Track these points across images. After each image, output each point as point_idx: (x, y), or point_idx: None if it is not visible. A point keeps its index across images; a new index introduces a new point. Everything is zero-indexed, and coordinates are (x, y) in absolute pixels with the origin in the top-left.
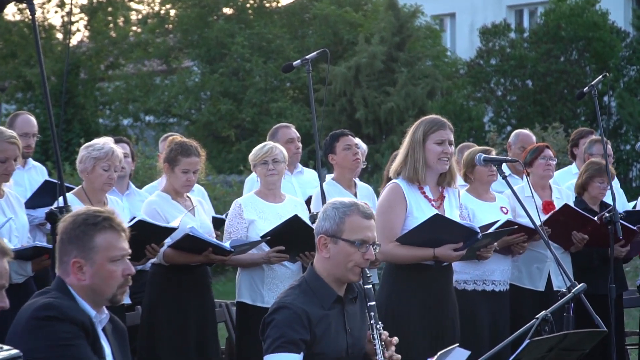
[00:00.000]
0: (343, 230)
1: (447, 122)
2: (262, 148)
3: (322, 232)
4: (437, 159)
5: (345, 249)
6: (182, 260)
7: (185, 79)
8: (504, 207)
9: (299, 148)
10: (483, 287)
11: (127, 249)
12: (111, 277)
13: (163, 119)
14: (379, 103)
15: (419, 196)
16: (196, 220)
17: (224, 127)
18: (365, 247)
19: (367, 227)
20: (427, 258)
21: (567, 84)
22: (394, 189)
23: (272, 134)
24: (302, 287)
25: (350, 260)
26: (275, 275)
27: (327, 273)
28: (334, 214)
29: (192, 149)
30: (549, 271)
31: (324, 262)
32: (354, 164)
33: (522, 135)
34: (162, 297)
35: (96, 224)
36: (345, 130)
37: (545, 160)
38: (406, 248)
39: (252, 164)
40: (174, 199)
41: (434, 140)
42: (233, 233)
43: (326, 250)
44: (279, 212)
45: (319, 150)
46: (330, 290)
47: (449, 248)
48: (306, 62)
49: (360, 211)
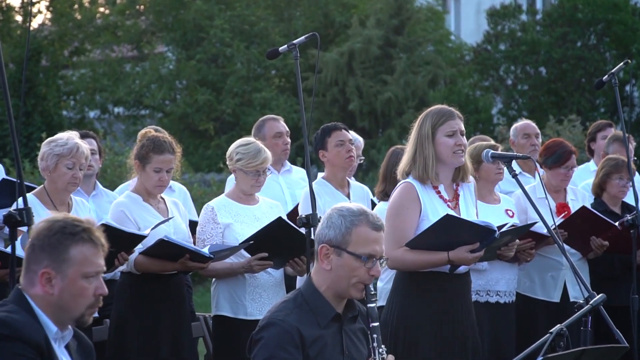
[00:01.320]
0: (349, 241)
1: (455, 111)
2: (254, 156)
3: (325, 241)
4: (451, 153)
5: (349, 263)
6: (156, 268)
7: (159, 66)
8: (510, 209)
9: (288, 144)
10: (486, 298)
11: (103, 265)
12: (82, 294)
13: (134, 111)
14: (375, 93)
15: (434, 197)
16: (170, 226)
17: (201, 120)
18: (371, 262)
19: (375, 240)
20: (441, 263)
21: (585, 72)
22: (407, 189)
23: (258, 127)
24: (297, 300)
25: (354, 276)
26: (258, 283)
27: (326, 287)
28: (340, 223)
29: (166, 144)
30: (564, 280)
31: (324, 274)
32: (347, 162)
33: (521, 126)
34: (133, 309)
35: (74, 234)
36: (338, 124)
37: (566, 170)
38: (417, 253)
39: (234, 165)
40: (145, 200)
41: (445, 132)
42: (207, 240)
43: (327, 261)
44: (256, 214)
45: (308, 146)
46: (328, 306)
47: (464, 250)
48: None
49: (369, 222)
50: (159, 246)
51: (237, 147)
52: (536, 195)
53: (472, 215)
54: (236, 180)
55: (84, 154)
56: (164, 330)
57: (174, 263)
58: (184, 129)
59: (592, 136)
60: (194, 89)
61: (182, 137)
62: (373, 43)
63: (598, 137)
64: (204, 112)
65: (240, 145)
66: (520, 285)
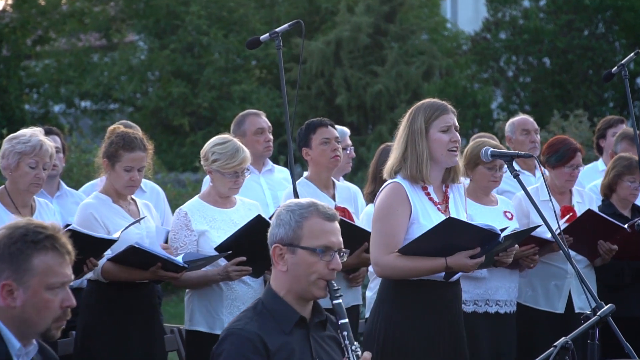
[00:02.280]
0: (301, 236)
1: (448, 105)
2: (232, 156)
3: (277, 241)
4: (445, 150)
5: (305, 259)
6: (125, 276)
7: (129, 57)
8: (508, 211)
9: (270, 141)
10: (485, 308)
11: (70, 275)
12: (46, 307)
13: (102, 105)
14: (364, 86)
15: (424, 199)
16: (141, 229)
17: (175, 115)
18: (329, 254)
19: (329, 230)
20: (438, 270)
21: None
22: (395, 189)
23: (238, 123)
24: (257, 308)
25: (313, 272)
26: (236, 295)
27: (286, 290)
28: (289, 218)
29: (137, 141)
30: (569, 290)
31: (282, 277)
32: (332, 161)
33: (519, 121)
34: (100, 320)
35: (37, 242)
36: (324, 120)
37: (571, 169)
38: (410, 259)
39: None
40: (115, 202)
41: (439, 127)
42: (181, 249)
43: (283, 262)
44: (233, 218)
45: (292, 143)
46: (291, 310)
47: (464, 256)
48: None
49: (320, 212)
50: (129, 253)
51: (213, 146)
52: (539, 197)
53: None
54: (212, 181)
55: (48, 152)
56: (134, 343)
57: (145, 272)
58: (157, 125)
59: (601, 133)
60: (168, 81)
61: (154, 133)
62: (362, 31)
63: (608, 134)
64: (179, 106)
65: (217, 144)
66: (521, 294)
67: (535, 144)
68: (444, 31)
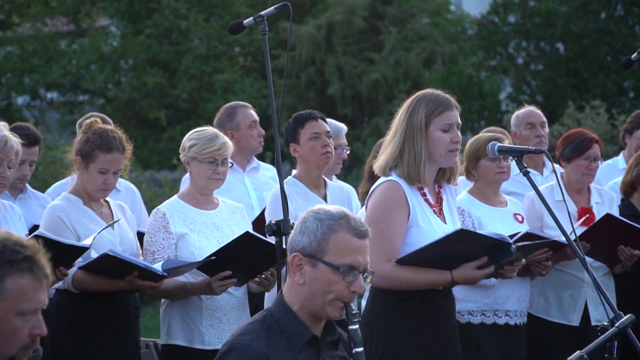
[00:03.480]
0: (326, 250)
1: (453, 100)
2: (211, 140)
3: (298, 250)
4: (445, 151)
5: (326, 275)
6: (98, 286)
7: (100, 43)
8: (519, 213)
9: (263, 134)
10: (494, 319)
11: (44, 301)
12: (14, 334)
13: (70, 97)
14: (359, 74)
15: (422, 200)
16: (115, 235)
17: (151, 107)
18: (353, 275)
19: (358, 248)
20: (443, 284)
21: (610, 49)
22: (392, 188)
23: (229, 115)
24: (265, 321)
25: (331, 291)
26: (217, 305)
27: (300, 304)
28: (316, 228)
29: (115, 141)
30: (585, 300)
31: (297, 289)
32: (322, 158)
33: (523, 114)
34: (71, 334)
35: (13, 262)
36: (314, 112)
37: (588, 161)
38: (412, 271)
39: (187, 155)
40: (86, 204)
41: (440, 125)
42: (158, 252)
43: (300, 273)
44: (215, 221)
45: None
46: (303, 327)
47: (471, 267)
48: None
49: (351, 227)
50: (103, 261)
51: (191, 133)
52: (554, 197)
53: (456, 224)
54: (191, 176)
55: (14, 149)
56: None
57: (120, 281)
58: (131, 118)
59: (630, 128)
60: (143, 70)
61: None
62: (357, 14)
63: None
64: (155, 98)
65: (195, 131)
66: (533, 305)
67: (542, 139)
68: (447, 14)
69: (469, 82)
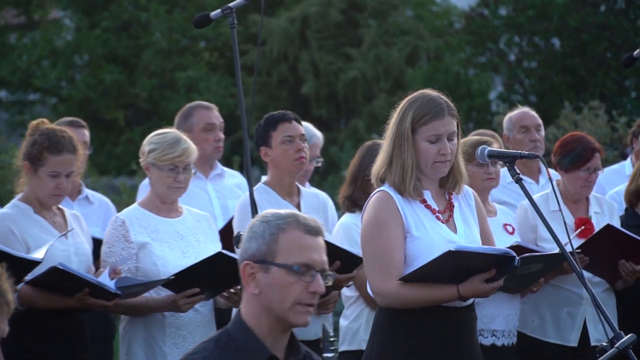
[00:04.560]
0: (276, 251)
1: (446, 106)
2: (172, 145)
3: (248, 257)
4: (431, 163)
5: (280, 279)
6: (45, 303)
7: (53, 37)
8: (509, 224)
9: (221, 140)
10: (479, 340)
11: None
12: None
13: (20, 95)
14: (336, 71)
15: (418, 206)
16: (69, 245)
17: (108, 107)
18: (310, 275)
19: (310, 246)
20: (449, 299)
21: (611, 45)
22: (383, 199)
23: (185, 116)
24: (220, 340)
25: (289, 295)
26: (181, 323)
27: (257, 319)
28: (263, 230)
29: (65, 141)
30: (584, 318)
31: (253, 301)
32: (296, 164)
33: (517, 116)
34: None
35: None
36: (287, 113)
37: (588, 173)
38: (418, 288)
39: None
40: (37, 212)
41: (426, 136)
42: (117, 264)
43: (254, 283)
44: (178, 230)
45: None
46: (260, 346)
47: (478, 280)
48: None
49: (301, 224)
50: (51, 275)
51: (151, 136)
52: (549, 207)
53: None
54: (151, 183)
55: None
56: None
57: (69, 298)
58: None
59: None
60: (99, 66)
61: None
62: (333, 6)
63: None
64: (112, 97)
65: (155, 134)
66: (527, 324)
67: (537, 143)
68: (432, 6)
69: (456, 81)
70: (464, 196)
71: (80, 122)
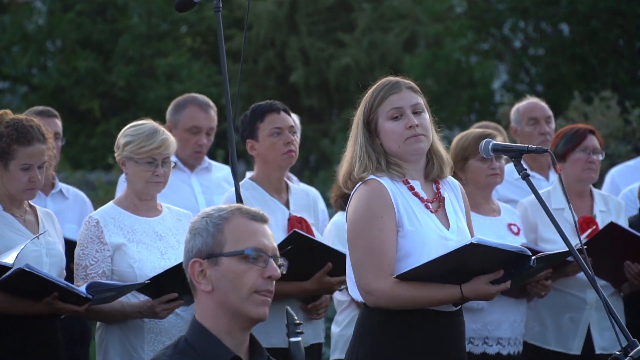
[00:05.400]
0: (223, 241)
1: (404, 82)
2: (149, 137)
3: (195, 255)
4: (402, 141)
5: (232, 268)
6: (10, 308)
7: (24, 21)
8: (514, 223)
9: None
10: (483, 348)
11: None
12: None
13: None
14: (328, 58)
15: (409, 195)
16: (40, 245)
17: (83, 97)
18: (262, 259)
19: (258, 231)
20: (451, 300)
21: (623, 32)
22: (374, 188)
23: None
24: (179, 345)
25: (244, 284)
26: (161, 328)
27: (214, 319)
28: (206, 224)
29: (33, 131)
30: (588, 324)
31: (208, 301)
32: (284, 158)
33: (525, 107)
34: None
35: None
36: (275, 103)
37: (586, 153)
38: (414, 287)
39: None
40: (6, 209)
41: (386, 114)
42: (91, 267)
43: (205, 280)
44: (157, 229)
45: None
46: (220, 346)
47: (483, 281)
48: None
49: (244, 212)
50: (17, 278)
51: (127, 129)
52: (551, 205)
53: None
54: (127, 179)
55: None
56: None
57: (37, 303)
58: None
59: None
60: (73, 52)
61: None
62: None
63: None
64: (87, 86)
65: (131, 126)
66: (527, 331)
67: (546, 136)
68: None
69: (457, 69)
70: (452, 189)
71: (51, 112)
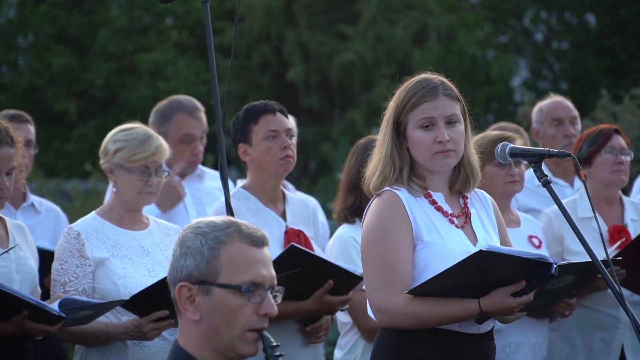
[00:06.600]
0: (218, 269)
1: (441, 85)
2: (142, 143)
3: (184, 278)
4: (430, 155)
5: (225, 302)
6: None
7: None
8: (535, 236)
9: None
10: None
11: None
12: None
13: None
14: (329, 54)
15: (428, 207)
16: (10, 260)
17: (57, 97)
18: (259, 294)
19: (258, 260)
20: (468, 316)
21: None
22: (389, 201)
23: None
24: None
25: (237, 321)
26: (147, 353)
27: (198, 349)
28: (200, 245)
29: (1, 134)
30: (621, 344)
31: (194, 329)
32: (281, 164)
33: (548, 107)
34: None
35: None
36: (270, 104)
37: (613, 154)
38: (429, 302)
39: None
40: None
41: (415, 122)
42: (70, 284)
43: (193, 307)
44: (143, 244)
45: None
46: None
47: (503, 294)
48: None
49: (244, 234)
50: None
51: (115, 133)
52: (578, 214)
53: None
54: (115, 187)
55: None
56: None
57: (6, 323)
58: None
59: None
60: (46, 48)
61: None
62: None
63: None
64: (62, 85)
65: (120, 130)
66: (554, 353)
67: (572, 139)
68: None
69: (473, 65)
70: (482, 203)
71: (24, 116)
